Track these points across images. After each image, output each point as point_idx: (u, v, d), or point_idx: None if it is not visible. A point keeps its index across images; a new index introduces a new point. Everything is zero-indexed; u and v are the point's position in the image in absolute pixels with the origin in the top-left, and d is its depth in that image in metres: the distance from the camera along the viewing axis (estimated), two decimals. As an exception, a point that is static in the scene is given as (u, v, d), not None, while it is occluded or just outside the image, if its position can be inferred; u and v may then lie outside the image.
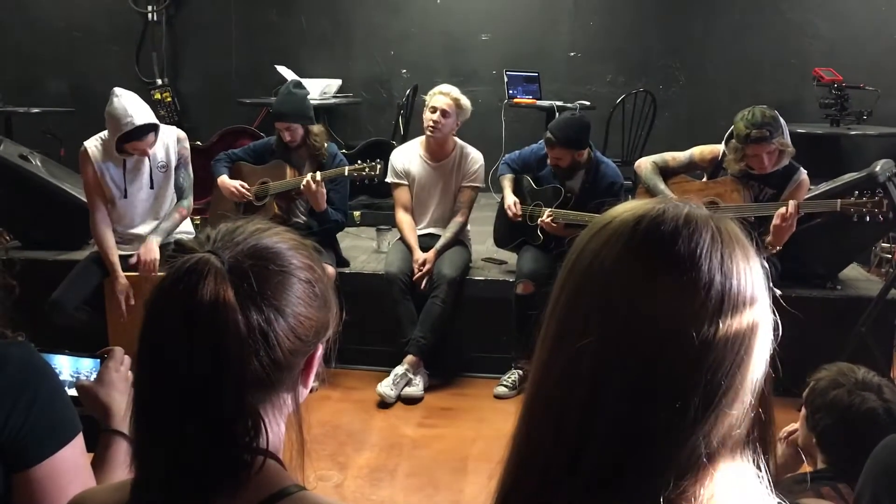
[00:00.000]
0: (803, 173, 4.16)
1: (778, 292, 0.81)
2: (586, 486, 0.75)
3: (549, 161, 4.53)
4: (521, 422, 0.81)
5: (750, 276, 0.77)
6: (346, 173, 4.42)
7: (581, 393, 0.75)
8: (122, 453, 1.45)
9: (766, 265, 0.80)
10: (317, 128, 4.56)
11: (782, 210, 3.91)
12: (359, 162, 4.46)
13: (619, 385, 0.74)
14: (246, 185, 4.61)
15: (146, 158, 4.16)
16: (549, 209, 4.46)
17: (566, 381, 0.76)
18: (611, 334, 0.75)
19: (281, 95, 4.64)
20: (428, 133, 4.64)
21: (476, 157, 4.74)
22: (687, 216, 0.77)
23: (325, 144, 4.59)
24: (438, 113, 4.57)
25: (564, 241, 3.79)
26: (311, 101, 4.80)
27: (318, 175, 4.35)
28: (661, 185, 4.35)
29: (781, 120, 4.04)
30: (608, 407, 0.74)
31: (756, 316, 0.76)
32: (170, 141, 4.25)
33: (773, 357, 0.79)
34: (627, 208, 0.81)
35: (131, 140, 4.01)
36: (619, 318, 0.75)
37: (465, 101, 4.66)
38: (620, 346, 0.74)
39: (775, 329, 0.79)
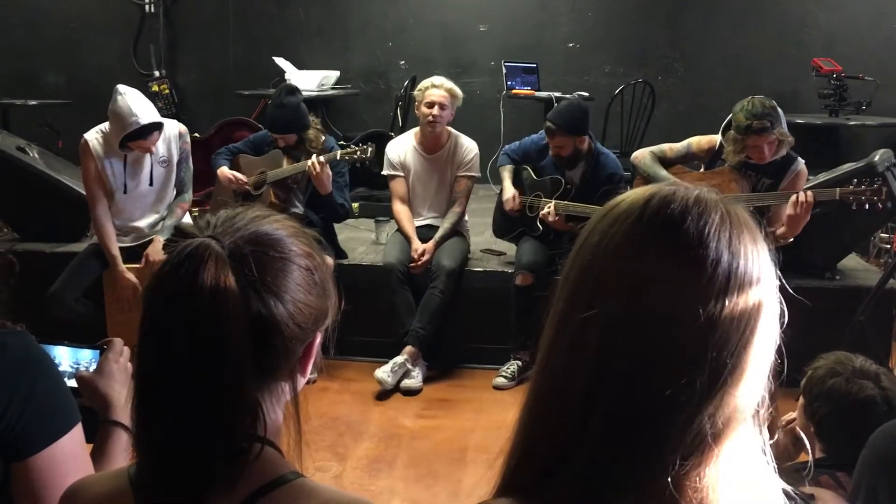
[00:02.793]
0: (801, 163, 4.15)
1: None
2: (591, 465, 0.75)
3: (550, 151, 4.50)
4: (527, 401, 0.81)
5: (757, 258, 0.77)
6: (339, 157, 4.40)
7: (587, 367, 0.76)
8: (121, 444, 1.44)
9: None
10: (312, 132, 4.51)
11: (795, 198, 3.85)
12: (351, 146, 4.45)
13: (624, 359, 0.74)
14: (244, 175, 4.61)
15: (147, 154, 4.16)
16: (550, 201, 4.45)
17: (572, 355, 0.77)
18: (617, 307, 0.75)
19: (273, 105, 4.54)
20: (428, 129, 4.63)
21: (470, 146, 4.74)
22: (697, 197, 0.78)
23: (323, 138, 4.57)
24: (437, 107, 4.56)
25: (564, 234, 3.74)
26: (310, 93, 4.76)
27: (322, 157, 4.33)
28: (663, 172, 4.30)
29: (780, 110, 4.02)
30: (613, 381, 0.74)
31: (762, 297, 0.77)
32: (171, 135, 4.24)
33: (777, 346, 0.80)
34: (637, 192, 0.81)
35: (136, 139, 4.01)
36: (626, 293, 0.75)
37: (457, 90, 4.66)
38: (626, 320, 0.74)
39: (781, 316, 0.79)
